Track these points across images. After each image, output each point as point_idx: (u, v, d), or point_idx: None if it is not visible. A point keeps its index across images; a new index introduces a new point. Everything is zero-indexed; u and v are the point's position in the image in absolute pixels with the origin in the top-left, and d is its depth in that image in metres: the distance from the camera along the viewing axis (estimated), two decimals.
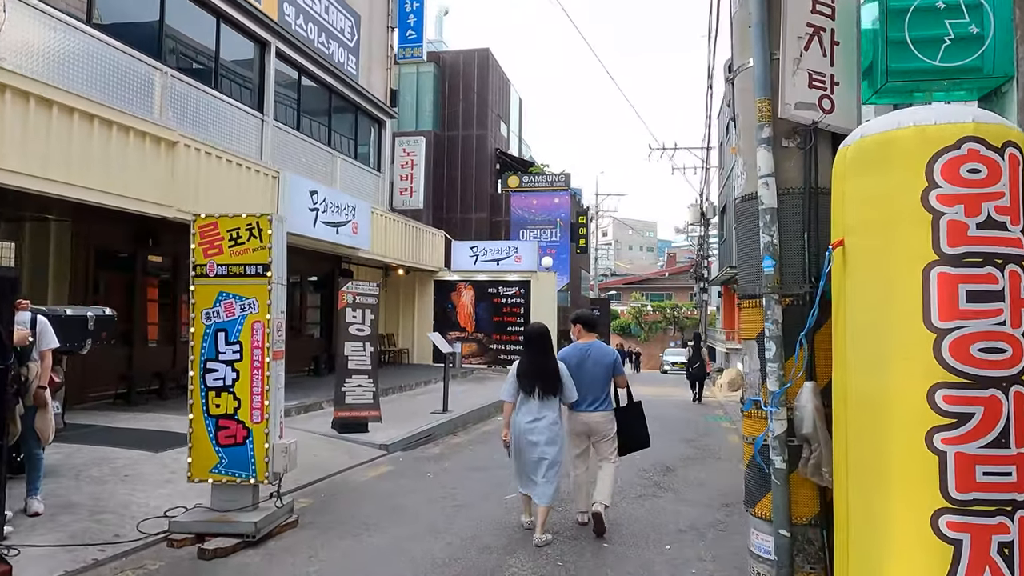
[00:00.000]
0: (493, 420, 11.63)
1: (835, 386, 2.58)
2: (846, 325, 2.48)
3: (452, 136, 27.60)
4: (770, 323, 2.67)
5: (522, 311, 18.48)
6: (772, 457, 2.63)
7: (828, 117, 2.69)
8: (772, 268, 2.64)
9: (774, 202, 2.66)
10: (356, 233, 13.60)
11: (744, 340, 2.93)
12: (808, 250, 2.71)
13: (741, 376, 20.88)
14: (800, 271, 2.72)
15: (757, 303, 2.76)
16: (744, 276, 3.02)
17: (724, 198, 27.56)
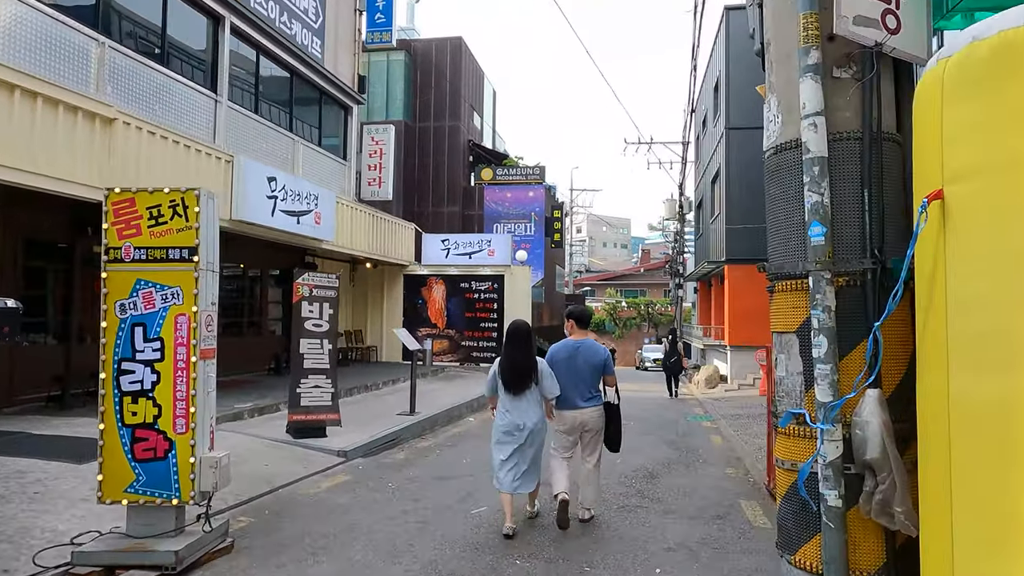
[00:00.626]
0: (464, 421, 10.97)
1: (927, 392, 1.90)
2: (947, 309, 1.83)
3: (424, 127, 26.79)
4: (820, 311, 2.03)
5: (496, 307, 17.82)
6: (823, 491, 1.99)
7: (893, 39, 2.05)
8: (823, 237, 2.01)
9: (824, 149, 2.03)
10: (319, 224, 12.81)
11: (777, 334, 2.30)
12: (869, 213, 2.05)
13: (718, 373, 20.57)
14: (858, 241, 2.07)
15: (797, 285, 2.13)
16: (778, 250, 2.37)
17: (700, 193, 27.23)
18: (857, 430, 1.93)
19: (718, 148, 20.98)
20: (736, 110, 19.54)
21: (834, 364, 2.03)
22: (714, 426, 11.41)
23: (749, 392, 16.97)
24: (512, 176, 27.51)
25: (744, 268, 19.11)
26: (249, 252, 13.63)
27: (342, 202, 14.22)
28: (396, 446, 8.53)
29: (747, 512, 5.87)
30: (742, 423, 11.50)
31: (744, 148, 19.34)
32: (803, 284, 2.12)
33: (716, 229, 21.51)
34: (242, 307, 14.32)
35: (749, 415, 12.52)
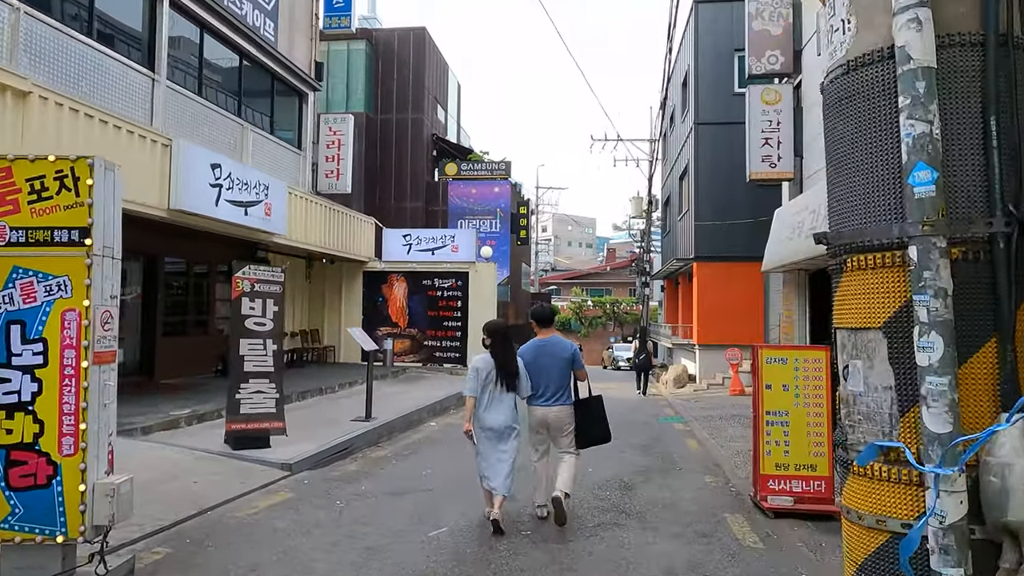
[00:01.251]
0: (424, 427, 10.27)
1: None
2: None
3: (386, 119, 25.92)
4: (930, 296, 1.41)
5: (459, 305, 17.13)
6: (939, 567, 1.37)
7: None
8: (932, 186, 1.38)
9: (931, 56, 1.38)
10: (269, 215, 11.95)
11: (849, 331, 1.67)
12: (998, 151, 1.42)
13: (686, 372, 20.23)
14: (981, 192, 1.45)
15: (884, 260, 1.52)
16: (846, 212, 1.75)
17: (668, 190, 26.95)
18: (992, 476, 1.31)
19: (687, 144, 20.63)
20: (705, 105, 19.21)
21: (953, 376, 1.41)
22: (687, 428, 10.94)
23: (718, 392, 16.63)
24: (477, 171, 26.84)
25: (713, 265, 18.79)
26: (194, 246, 12.70)
27: (295, 193, 13.38)
28: (348, 456, 7.79)
29: (734, 528, 5.33)
30: (716, 425, 11.06)
31: (713, 143, 19.02)
32: (895, 258, 1.52)
33: (684, 226, 21.17)
34: (186, 305, 13.35)
35: (721, 416, 12.09)
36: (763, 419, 5.77)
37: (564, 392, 5.38)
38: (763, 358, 5.83)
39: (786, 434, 5.74)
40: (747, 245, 18.42)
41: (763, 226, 18.34)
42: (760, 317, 18.55)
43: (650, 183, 29.23)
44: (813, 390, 5.75)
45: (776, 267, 10.60)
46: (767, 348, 5.85)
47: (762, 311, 18.60)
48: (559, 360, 5.38)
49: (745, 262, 18.52)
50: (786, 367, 5.79)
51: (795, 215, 9.64)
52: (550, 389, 5.34)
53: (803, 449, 5.72)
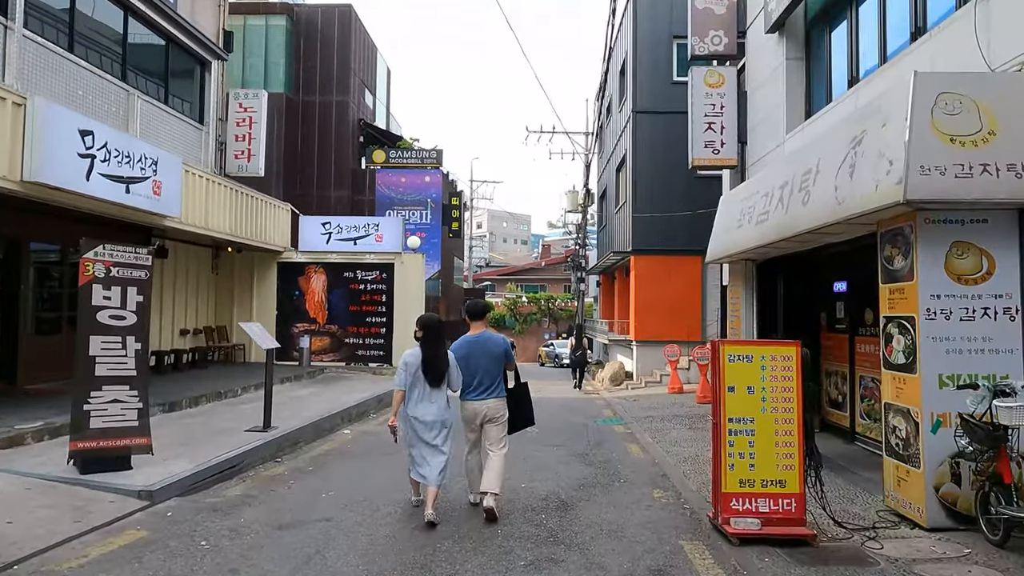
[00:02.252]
0: (336, 435, 9.03)
1: None
2: None
3: (308, 101, 24.24)
4: None
5: (384, 299, 15.85)
6: None
7: None
8: None
9: None
10: (158, 195, 10.39)
11: None
12: None
13: (623, 370, 19.60)
14: None
15: None
16: None
17: (604, 183, 26.36)
18: None
19: (624, 133, 19.98)
20: (643, 93, 18.57)
21: None
22: (628, 431, 10.11)
23: (657, 390, 15.99)
24: (407, 159, 25.50)
25: (651, 259, 18.19)
26: (70, 229, 10.97)
27: (194, 172, 11.80)
28: (236, 476, 6.51)
29: (695, 560, 4.42)
30: (658, 427, 10.28)
31: (652, 133, 18.41)
32: None
33: (621, 219, 20.52)
34: (61, 299, 11.58)
35: (663, 417, 11.35)
36: (725, 428, 4.88)
37: (497, 386, 5.45)
38: (725, 355, 4.94)
39: (751, 444, 4.87)
40: (686, 238, 17.92)
41: (703, 218, 17.88)
42: (699, 312, 18.10)
43: (587, 170, 28.53)
44: (782, 392, 4.90)
45: (722, 257, 9.88)
46: (730, 344, 4.98)
47: (700, 305, 18.15)
48: (492, 355, 5.43)
49: (684, 255, 18.03)
50: (751, 366, 4.92)
51: (744, 200, 8.92)
52: (483, 383, 5.39)
53: (770, 462, 4.87)
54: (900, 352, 5.31)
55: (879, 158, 5.25)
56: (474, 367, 5.38)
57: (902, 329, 5.28)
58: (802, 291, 9.77)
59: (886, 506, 5.52)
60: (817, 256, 8.87)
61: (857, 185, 5.56)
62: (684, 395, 14.50)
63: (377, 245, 15.93)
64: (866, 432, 7.92)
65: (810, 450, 4.97)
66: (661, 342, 17.16)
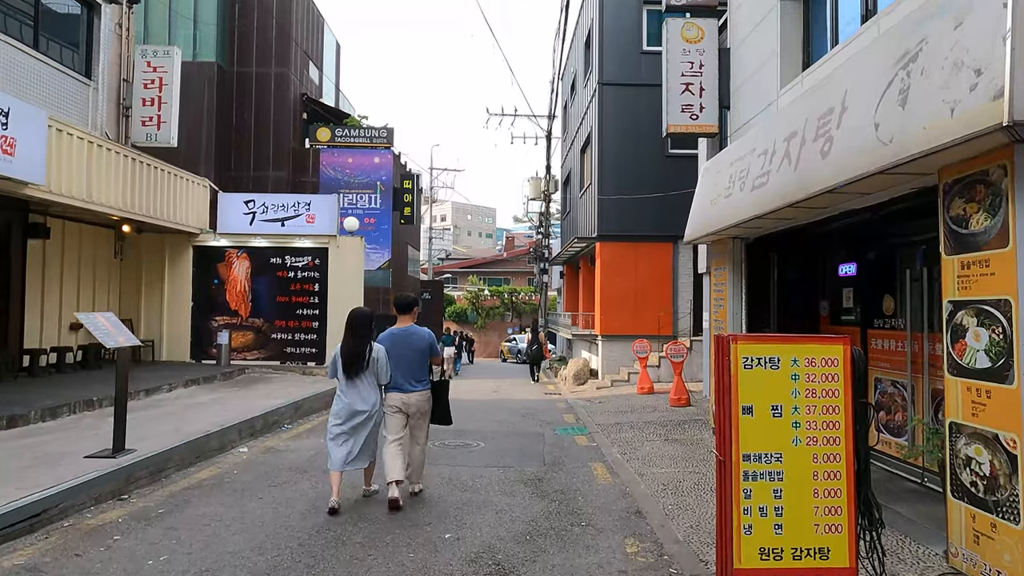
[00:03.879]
0: (225, 457, 7.13)
1: None
2: None
3: (244, 73, 21.99)
4: None
5: (317, 288, 13.91)
6: None
7: None
8: None
9: None
10: (10, 155, 8.31)
11: None
12: None
13: (588, 367, 17.98)
14: None
15: None
16: None
17: (568, 167, 24.70)
18: None
19: (589, 109, 18.32)
20: (610, 63, 16.91)
21: None
22: (592, 444, 8.42)
23: (625, 390, 14.39)
24: (354, 139, 23.42)
25: (618, 246, 16.58)
26: None
27: (69, 131, 9.70)
28: (45, 526, 4.61)
29: None
30: (627, 438, 8.63)
31: (618, 107, 16.77)
32: None
33: (586, 202, 18.88)
34: None
35: (633, 424, 9.71)
36: (738, 470, 3.19)
37: (422, 379, 5.56)
38: (738, 358, 3.24)
39: (778, 495, 3.20)
40: (656, 223, 16.36)
41: (675, 202, 16.31)
42: (670, 304, 16.58)
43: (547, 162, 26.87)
44: (824, 415, 3.23)
45: (703, 236, 8.26)
46: (747, 341, 3.28)
47: (671, 297, 16.63)
48: (417, 350, 5.51)
49: (654, 242, 16.47)
50: (777, 375, 3.24)
51: (735, 163, 7.29)
52: (407, 376, 5.47)
53: (806, 520, 3.20)
54: (980, 352, 3.69)
55: (955, 71, 3.60)
56: (397, 360, 5.45)
57: (985, 319, 3.66)
58: (799, 275, 8.21)
59: (952, 568, 3.92)
60: (818, 232, 7.30)
61: (914, 115, 3.92)
62: (655, 396, 12.92)
63: (308, 227, 13.96)
64: (886, 449, 6.37)
65: (866, 501, 3.31)
66: (629, 337, 15.57)
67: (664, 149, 16.50)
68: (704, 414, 10.38)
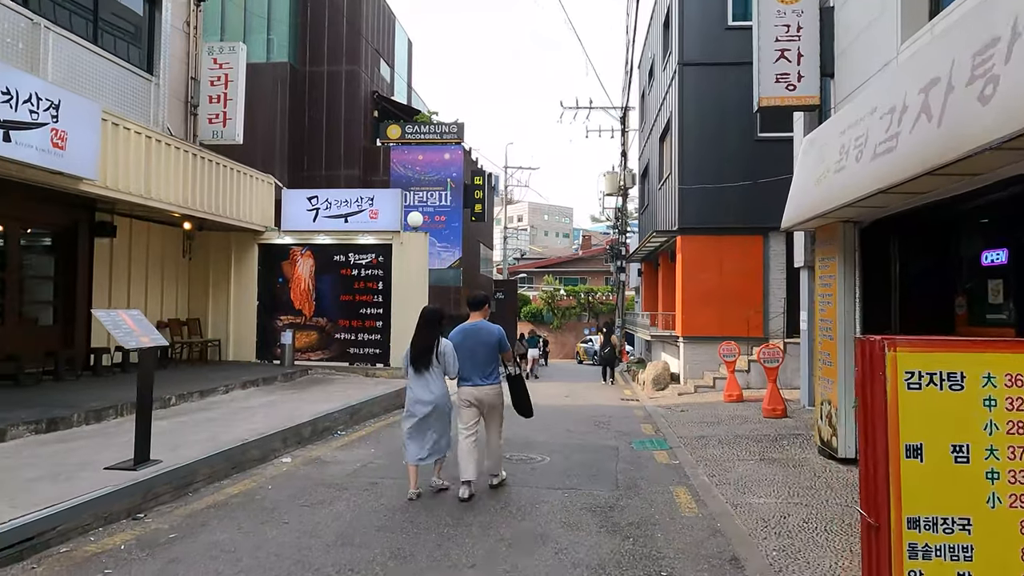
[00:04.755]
0: (264, 467, 6.52)
1: None
2: None
3: (315, 72, 21.97)
4: None
5: (380, 287, 13.35)
6: None
7: None
8: None
9: None
10: (61, 148, 8.06)
11: None
12: None
13: (668, 371, 16.68)
14: None
15: None
16: None
17: (646, 158, 23.39)
18: None
19: (669, 93, 17.04)
20: (691, 42, 15.59)
21: None
22: (673, 461, 7.33)
23: (709, 396, 13.10)
24: (425, 135, 22.99)
25: (701, 239, 15.24)
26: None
27: (124, 125, 9.46)
28: (39, 552, 4.04)
29: None
30: (715, 456, 7.48)
31: (701, 89, 15.44)
32: None
33: (666, 194, 17.60)
34: None
35: (721, 438, 8.53)
36: (899, 541, 2.13)
37: (492, 373, 5.68)
38: (899, 373, 2.18)
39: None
40: (743, 213, 14.92)
41: (765, 190, 14.83)
42: (759, 302, 15.09)
43: (622, 149, 25.58)
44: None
45: (806, 220, 6.99)
46: (912, 347, 2.22)
47: (761, 295, 15.14)
48: (486, 344, 5.64)
49: (741, 235, 15.04)
50: (962, 398, 2.16)
51: (847, 131, 6.04)
52: (478, 370, 5.63)
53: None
54: None
55: None
56: (469, 354, 5.60)
57: None
58: (926, 266, 6.84)
59: None
60: (953, 212, 5.96)
61: None
62: (745, 405, 11.60)
63: (372, 223, 13.43)
64: None
65: None
66: (714, 339, 14.25)
67: (752, 132, 15.05)
68: (805, 428, 9.05)
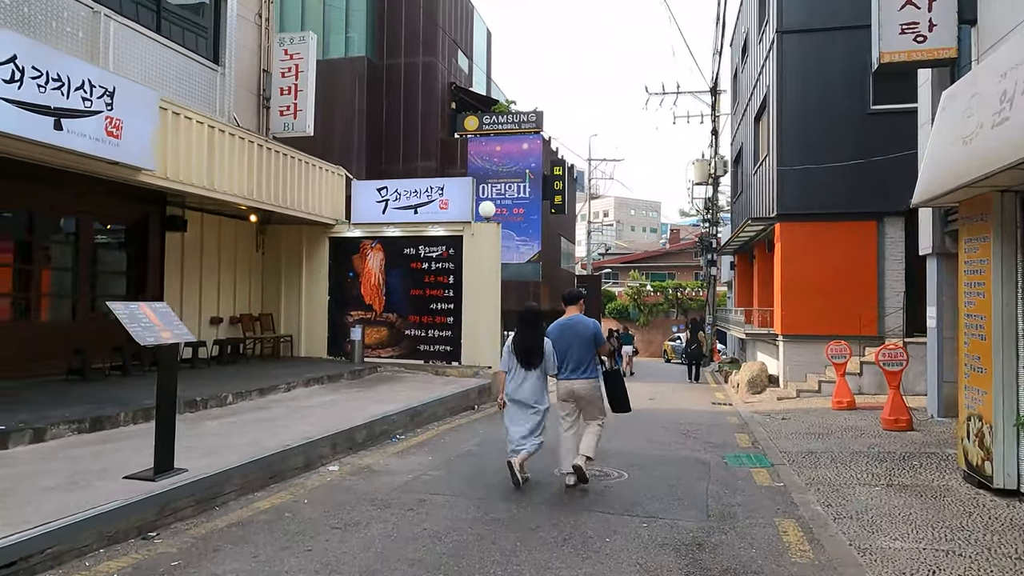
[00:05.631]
0: (306, 477, 5.91)
1: None
2: None
3: (392, 65, 21.72)
4: None
5: (451, 280, 12.69)
6: None
7: None
8: None
9: None
10: (117, 137, 7.80)
11: None
12: None
13: (765, 373, 15.14)
14: None
15: None
16: None
17: (739, 142, 21.69)
18: None
19: (766, 66, 15.47)
20: (791, 6, 14.01)
21: None
22: (776, 483, 6.16)
23: (814, 402, 11.62)
24: (502, 125, 22.30)
25: (803, 226, 13.67)
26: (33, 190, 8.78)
27: (185, 114, 9.20)
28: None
29: None
30: (828, 476, 6.24)
31: (803, 57, 13.85)
32: None
33: (762, 178, 16.04)
34: (29, 277, 9.39)
35: (834, 455, 7.23)
36: None
37: (588, 366, 5.73)
38: None
39: None
40: (853, 196, 13.25)
41: (881, 169, 13.05)
42: (872, 296, 13.36)
43: (713, 128, 23.92)
44: None
45: (949, 191, 5.63)
46: None
47: (875, 288, 13.39)
48: (581, 337, 5.73)
49: (850, 220, 13.36)
50: None
51: (1008, 74, 4.70)
52: (572, 364, 5.71)
53: None
54: None
55: None
56: (565, 348, 5.73)
57: None
58: None
59: None
60: None
61: None
62: (858, 414, 10.11)
63: (442, 213, 12.78)
64: None
65: None
66: (818, 337, 12.71)
67: (863, 105, 13.33)
68: (938, 445, 7.58)
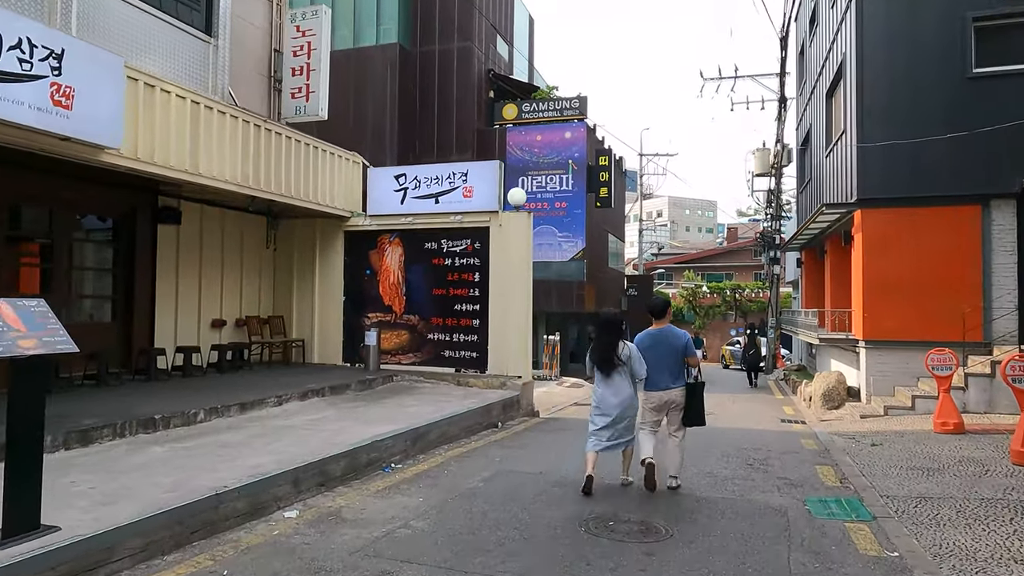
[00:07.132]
0: (242, 533, 4.48)
1: None
2: None
3: (426, 52, 20.45)
4: None
5: (477, 278, 11.21)
6: None
7: None
8: None
9: None
10: (67, 108, 6.64)
11: None
12: None
13: (843, 385, 12.98)
14: None
15: None
16: None
17: (806, 126, 19.51)
18: None
19: (841, 32, 13.45)
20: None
21: None
22: (888, 551, 4.40)
23: (908, 423, 9.63)
24: (543, 113, 20.74)
25: (889, 213, 11.62)
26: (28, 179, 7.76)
27: (161, 86, 7.99)
28: None
29: None
30: (958, 540, 4.45)
31: (888, 15, 11.81)
32: None
33: (837, 159, 14.00)
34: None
35: (958, 502, 5.39)
36: None
37: (679, 376, 5.83)
38: None
39: None
40: (951, 176, 11.14)
41: (986, 142, 10.84)
42: (976, 295, 11.20)
43: (779, 104, 21.76)
44: None
45: None
46: None
47: (979, 284, 11.24)
48: (672, 348, 5.81)
49: (947, 205, 11.22)
50: None
51: None
52: (665, 374, 5.79)
53: None
54: None
55: None
56: (657, 360, 5.77)
57: None
58: None
59: None
60: None
61: None
62: (969, 439, 8.14)
63: (466, 202, 11.31)
64: None
65: None
66: (908, 343, 10.71)
67: (962, 69, 11.22)
68: None
